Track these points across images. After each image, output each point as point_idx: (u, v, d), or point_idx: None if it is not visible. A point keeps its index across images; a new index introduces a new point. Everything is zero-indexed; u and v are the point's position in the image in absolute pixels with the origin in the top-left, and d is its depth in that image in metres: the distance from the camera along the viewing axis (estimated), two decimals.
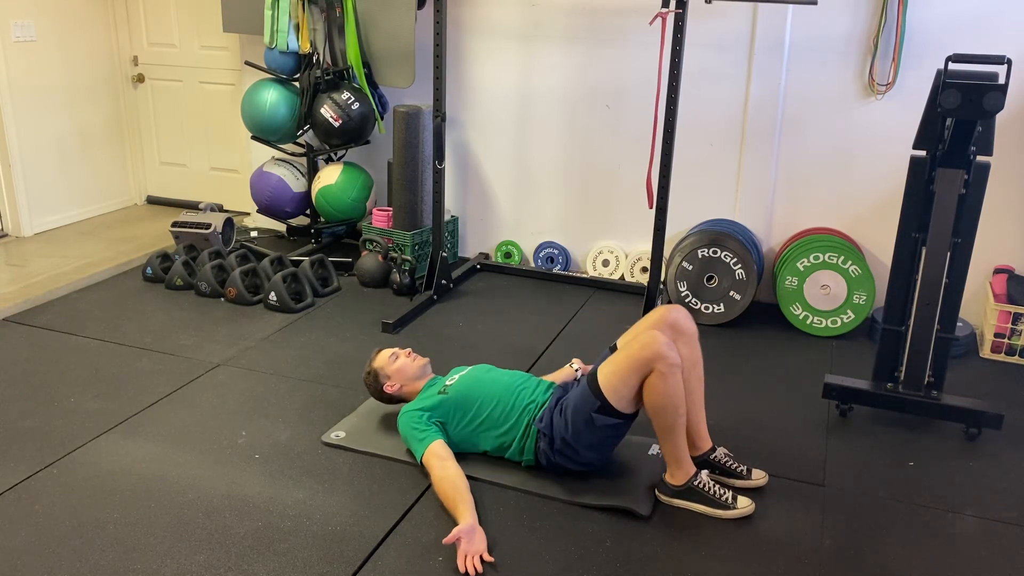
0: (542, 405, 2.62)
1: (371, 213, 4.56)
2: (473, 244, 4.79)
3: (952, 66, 2.63)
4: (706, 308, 3.91)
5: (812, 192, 4.04)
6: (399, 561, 2.25)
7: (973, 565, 2.31)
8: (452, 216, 4.68)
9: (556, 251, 4.57)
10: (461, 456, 2.64)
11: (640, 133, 4.20)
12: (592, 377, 2.48)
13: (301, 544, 2.31)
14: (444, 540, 2.25)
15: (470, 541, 2.26)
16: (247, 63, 4.55)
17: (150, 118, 5.49)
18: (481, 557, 2.24)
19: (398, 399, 2.85)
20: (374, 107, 4.37)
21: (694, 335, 2.63)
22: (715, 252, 3.83)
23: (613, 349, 2.62)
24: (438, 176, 4.05)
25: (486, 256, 4.74)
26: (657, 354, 2.34)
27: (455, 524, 2.31)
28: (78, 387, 3.17)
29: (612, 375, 2.43)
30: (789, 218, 4.11)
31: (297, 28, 4.28)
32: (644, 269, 4.38)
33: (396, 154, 4.32)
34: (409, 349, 2.91)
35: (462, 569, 2.20)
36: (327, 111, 4.28)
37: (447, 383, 2.73)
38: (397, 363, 2.84)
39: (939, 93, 2.60)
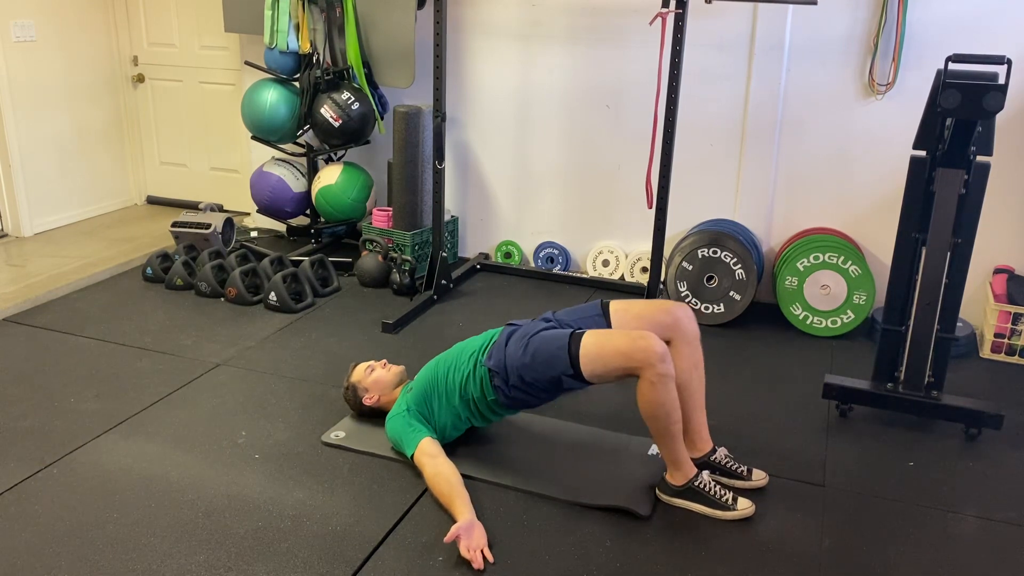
0: (486, 348, 2.61)
1: (371, 213, 4.56)
2: (473, 244, 4.79)
3: (952, 66, 2.63)
4: (706, 308, 3.90)
5: (812, 192, 4.04)
6: (399, 561, 2.26)
7: (973, 565, 2.31)
8: (452, 216, 4.68)
9: (556, 251, 4.57)
10: (455, 453, 2.65)
11: (640, 133, 4.19)
12: (575, 342, 2.43)
13: (301, 544, 2.31)
14: (445, 539, 2.25)
15: (469, 536, 2.26)
16: (247, 63, 4.55)
17: (150, 118, 5.49)
18: (482, 552, 2.25)
19: (378, 411, 2.87)
20: (374, 107, 4.37)
21: (696, 336, 2.61)
22: (715, 252, 3.83)
23: (605, 307, 2.63)
24: (438, 176, 4.05)
25: (486, 256, 4.74)
26: (648, 362, 2.31)
27: (454, 522, 2.32)
28: (78, 387, 3.17)
29: (596, 357, 2.39)
30: (789, 218, 4.11)
31: (297, 28, 4.28)
32: (644, 269, 4.38)
33: (396, 154, 4.32)
34: (384, 360, 2.94)
35: (467, 558, 2.21)
36: (327, 111, 4.28)
37: (411, 383, 2.79)
38: (373, 375, 2.87)
39: (939, 93, 2.61)
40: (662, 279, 3.95)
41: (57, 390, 3.15)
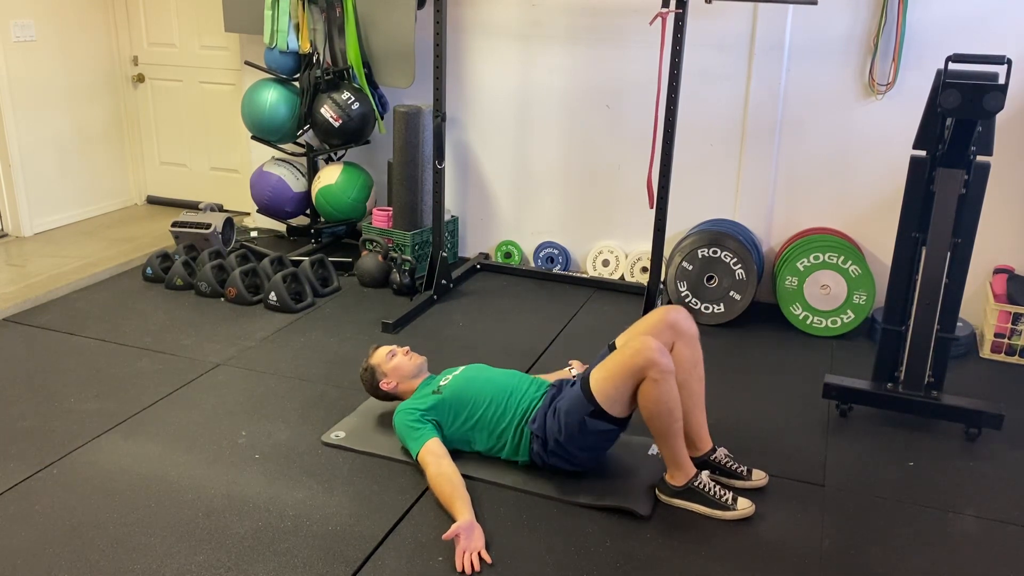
0: (535, 406, 2.62)
1: (371, 213, 4.56)
2: (473, 244, 4.79)
3: (952, 66, 2.63)
4: (706, 308, 3.90)
5: (812, 192, 4.04)
6: (399, 561, 2.26)
7: (973, 565, 2.31)
8: (452, 216, 4.68)
9: (556, 251, 4.57)
10: (458, 455, 2.65)
11: (640, 133, 4.20)
12: (585, 381, 2.48)
13: (301, 544, 2.31)
14: (444, 536, 2.25)
15: (468, 538, 2.27)
16: (247, 63, 4.55)
17: (150, 118, 5.49)
18: (479, 554, 2.25)
19: (393, 396, 2.86)
20: (374, 107, 4.37)
21: (694, 336, 2.62)
22: (715, 252, 3.83)
23: (612, 348, 2.62)
24: (438, 176, 4.05)
25: (486, 256, 4.74)
26: (649, 361, 2.34)
27: (453, 522, 2.32)
28: (78, 387, 3.17)
29: (604, 381, 2.43)
30: (789, 218, 4.11)
31: (297, 28, 4.28)
32: (644, 269, 4.38)
33: (396, 154, 4.32)
34: (407, 348, 2.92)
35: (459, 567, 2.21)
36: (327, 111, 4.28)
37: (441, 383, 2.74)
38: (394, 360, 2.85)
39: (939, 93, 2.60)
40: (662, 279, 3.95)
41: (57, 390, 3.15)
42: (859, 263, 3.73)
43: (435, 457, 2.53)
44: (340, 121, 4.29)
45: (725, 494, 2.48)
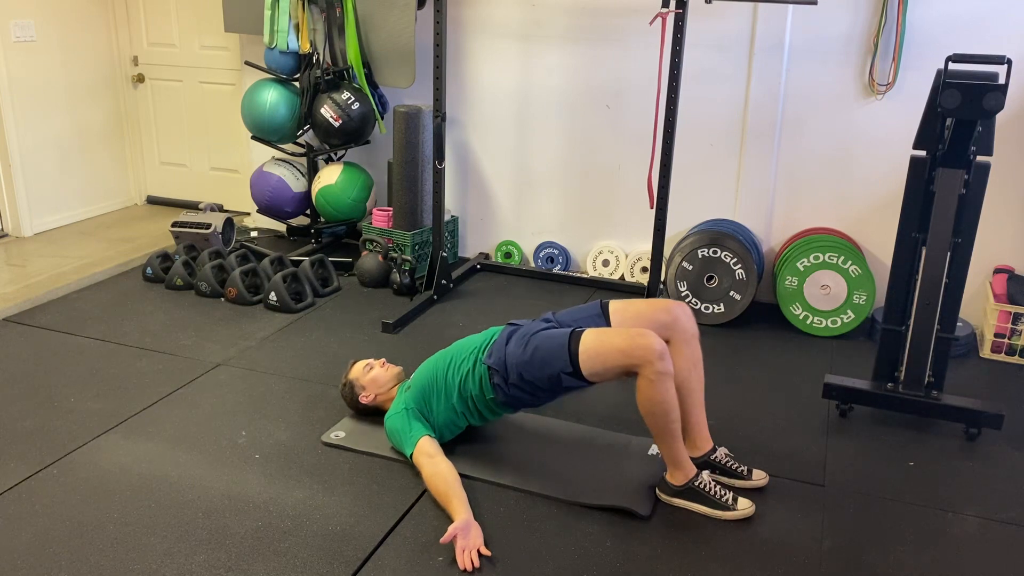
0: (487, 346, 2.61)
1: (371, 213, 4.57)
2: (473, 244, 4.79)
3: (952, 66, 2.63)
4: (706, 308, 3.90)
5: (812, 192, 4.04)
6: (399, 561, 2.26)
7: (973, 565, 2.31)
8: (452, 216, 4.68)
9: (556, 251, 4.57)
10: (457, 454, 2.65)
11: (640, 133, 4.20)
12: (574, 340, 2.44)
13: (301, 544, 2.31)
14: (441, 540, 2.25)
15: (466, 536, 2.27)
16: (247, 63, 4.55)
17: (150, 118, 5.49)
18: (479, 551, 2.25)
19: (374, 409, 2.87)
20: (374, 107, 4.37)
21: (694, 335, 2.61)
22: (715, 252, 3.83)
23: (604, 307, 2.63)
24: (438, 176, 4.05)
25: (486, 256, 4.74)
26: (646, 360, 2.32)
27: (452, 521, 2.32)
28: (78, 387, 3.17)
29: (595, 355, 2.41)
30: (789, 218, 4.11)
31: (297, 28, 4.28)
32: (644, 269, 4.38)
33: (396, 154, 4.32)
34: (384, 359, 2.93)
35: (461, 565, 2.21)
36: (327, 111, 4.28)
37: (409, 380, 2.79)
38: (371, 373, 2.87)
39: (939, 93, 2.61)
40: (662, 279, 3.95)
41: (57, 390, 3.15)
42: (859, 263, 3.73)
43: (428, 457, 2.53)
44: (340, 121, 4.29)
45: (725, 494, 2.48)
